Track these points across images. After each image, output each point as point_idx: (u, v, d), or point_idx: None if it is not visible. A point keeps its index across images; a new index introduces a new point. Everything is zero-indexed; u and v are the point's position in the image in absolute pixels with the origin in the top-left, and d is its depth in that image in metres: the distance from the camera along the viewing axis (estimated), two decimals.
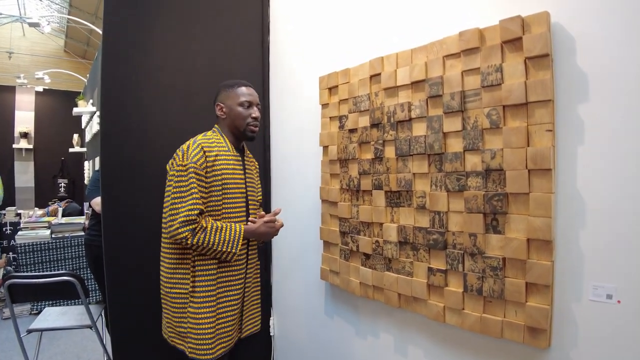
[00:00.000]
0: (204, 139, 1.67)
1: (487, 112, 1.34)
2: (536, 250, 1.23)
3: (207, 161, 1.59)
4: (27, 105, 8.68)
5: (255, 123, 1.75)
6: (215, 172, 1.62)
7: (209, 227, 1.55)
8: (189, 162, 1.55)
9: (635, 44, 1.07)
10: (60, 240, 4.04)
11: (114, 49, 2.16)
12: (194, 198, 1.53)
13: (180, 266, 1.62)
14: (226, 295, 1.67)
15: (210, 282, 1.62)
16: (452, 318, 1.45)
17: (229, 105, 1.73)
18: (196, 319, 1.59)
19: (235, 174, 1.70)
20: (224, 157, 1.67)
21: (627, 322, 1.08)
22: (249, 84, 1.78)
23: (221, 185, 1.63)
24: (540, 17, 1.21)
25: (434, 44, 1.51)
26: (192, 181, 1.54)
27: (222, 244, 1.57)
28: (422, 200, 1.55)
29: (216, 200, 1.63)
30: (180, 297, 1.61)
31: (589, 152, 1.15)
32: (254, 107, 1.76)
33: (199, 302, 1.60)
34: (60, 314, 2.59)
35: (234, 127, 1.74)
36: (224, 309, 1.66)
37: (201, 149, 1.60)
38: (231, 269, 1.69)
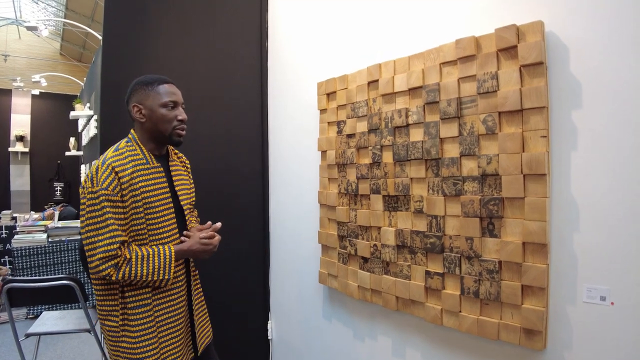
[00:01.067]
0: (115, 155, 1.43)
1: (483, 118, 1.36)
2: (531, 253, 1.26)
3: (120, 183, 1.38)
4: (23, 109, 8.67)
5: (182, 126, 1.52)
6: (134, 192, 1.41)
7: (133, 258, 1.37)
8: (99, 189, 1.35)
9: (626, 53, 1.10)
10: (57, 244, 4.03)
11: (114, 54, 2.18)
12: (111, 230, 1.34)
13: (108, 298, 1.44)
14: (168, 321, 1.49)
15: (146, 313, 1.43)
16: (450, 320, 1.47)
17: (150, 106, 1.48)
18: (134, 355, 1.41)
19: (158, 188, 1.49)
20: (141, 172, 1.45)
21: (621, 324, 1.11)
22: (171, 80, 1.55)
23: (142, 205, 1.42)
24: (534, 26, 1.24)
25: (431, 51, 1.53)
26: (106, 210, 1.34)
27: (152, 273, 1.39)
28: (419, 204, 1.57)
29: (139, 223, 1.42)
30: (112, 330, 1.43)
31: (582, 158, 1.18)
32: (179, 108, 1.52)
33: (136, 337, 1.42)
34: (59, 318, 2.59)
35: (157, 132, 1.50)
36: (169, 337, 1.48)
37: (112, 170, 1.37)
38: (170, 292, 1.50)
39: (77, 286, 2.24)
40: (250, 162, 2.62)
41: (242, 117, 2.59)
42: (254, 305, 2.64)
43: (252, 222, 2.63)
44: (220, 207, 2.41)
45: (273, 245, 2.65)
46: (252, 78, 2.62)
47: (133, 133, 1.53)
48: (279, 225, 2.59)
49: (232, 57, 2.52)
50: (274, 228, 2.63)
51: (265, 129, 2.65)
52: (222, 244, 1.67)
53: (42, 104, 8.73)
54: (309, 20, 2.28)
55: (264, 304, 2.68)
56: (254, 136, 2.63)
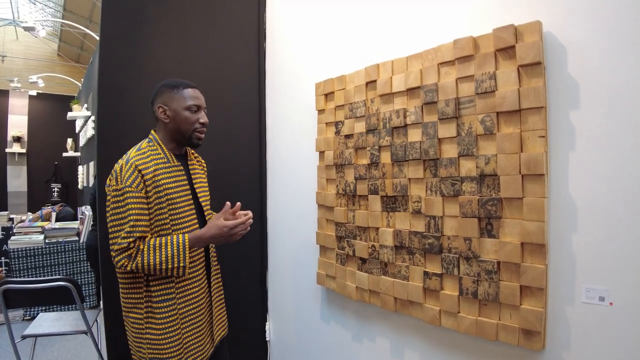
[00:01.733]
0: (138, 154, 1.50)
1: (481, 118, 1.36)
2: (530, 253, 1.25)
3: (144, 180, 1.45)
4: (20, 109, 8.65)
5: (202, 129, 1.59)
6: (157, 189, 1.47)
7: (145, 248, 1.42)
8: (124, 186, 1.42)
9: (624, 53, 1.10)
10: (54, 245, 4.01)
11: (111, 54, 2.17)
12: (131, 225, 1.40)
13: (132, 291, 1.50)
14: (190, 313, 1.54)
15: (170, 307, 1.49)
16: (448, 321, 1.47)
17: (174, 108, 1.55)
18: (159, 346, 1.47)
19: (179, 185, 1.55)
20: (163, 170, 1.51)
21: (619, 324, 1.10)
22: (195, 85, 1.63)
23: (166, 201, 1.49)
24: (532, 26, 1.24)
25: (429, 51, 1.53)
26: (130, 206, 1.41)
27: (165, 261, 1.42)
28: (417, 205, 1.57)
29: (163, 219, 1.48)
30: (137, 322, 1.49)
31: (580, 158, 1.18)
32: (201, 112, 1.60)
33: (161, 329, 1.47)
34: (55, 320, 2.58)
35: (178, 133, 1.57)
36: (191, 331, 1.54)
37: (135, 168, 1.44)
38: (191, 283, 1.56)
39: (73, 287, 2.23)
40: (248, 163, 2.61)
41: (240, 117, 2.58)
42: (251, 307, 2.63)
43: None
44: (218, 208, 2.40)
45: (271, 246, 2.65)
46: (249, 79, 2.61)
47: (154, 134, 1.60)
48: (277, 226, 2.58)
49: (229, 58, 2.52)
50: (272, 229, 2.63)
51: (263, 129, 2.65)
52: (220, 244, 1.67)
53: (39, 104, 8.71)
54: (306, 20, 2.28)
55: (262, 305, 2.67)
56: (251, 137, 2.63)
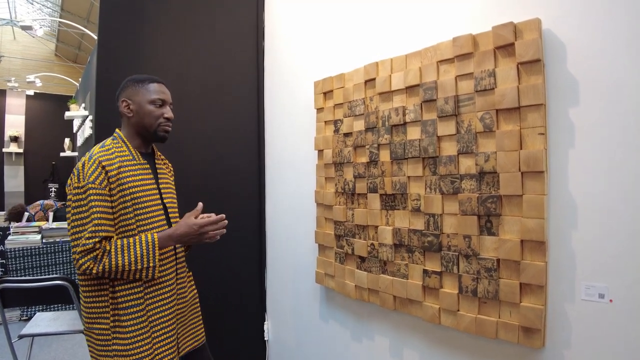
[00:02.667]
0: (102, 151, 1.43)
1: (481, 116, 1.36)
2: (530, 251, 1.25)
3: (108, 177, 1.38)
4: (17, 109, 8.62)
5: (168, 124, 1.55)
6: (121, 186, 1.41)
7: (113, 249, 1.34)
8: (86, 183, 1.34)
9: (623, 50, 1.10)
10: (51, 245, 3.99)
11: (109, 53, 2.16)
12: (95, 224, 1.32)
13: (97, 299, 1.39)
14: (162, 319, 1.46)
15: (139, 313, 1.40)
16: (448, 319, 1.46)
17: (138, 102, 1.51)
18: (127, 357, 1.37)
19: (145, 183, 1.49)
20: (128, 167, 1.45)
21: (619, 321, 1.10)
22: (161, 80, 1.59)
23: (130, 200, 1.42)
24: (531, 24, 1.24)
25: (428, 49, 1.53)
26: (93, 204, 1.33)
27: (134, 262, 1.34)
28: (416, 203, 1.57)
29: (128, 218, 1.41)
30: (102, 333, 1.38)
31: (579, 155, 1.18)
32: (167, 107, 1.56)
33: (129, 338, 1.38)
34: (52, 319, 2.57)
35: (142, 127, 1.52)
36: (162, 336, 1.45)
37: (98, 164, 1.37)
38: (160, 287, 1.47)
39: (71, 286, 2.21)
40: (246, 162, 2.61)
41: (239, 116, 2.58)
42: (250, 306, 2.62)
43: (248, 222, 2.61)
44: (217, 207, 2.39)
45: (269, 245, 2.64)
46: (248, 77, 2.61)
47: (119, 131, 1.56)
48: (275, 225, 2.57)
49: (228, 57, 2.51)
50: (271, 228, 2.62)
51: (261, 128, 2.64)
52: (218, 244, 1.65)
53: (36, 104, 8.68)
54: (305, 19, 2.27)
55: (261, 305, 2.66)
56: (250, 136, 2.62)
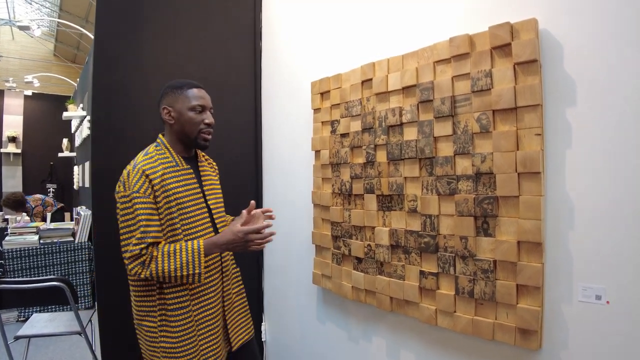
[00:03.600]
0: (145, 159, 1.47)
1: (477, 116, 1.36)
2: (526, 252, 1.24)
3: (152, 185, 1.41)
4: (15, 109, 8.60)
5: (208, 130, 1.55)
6: (166, 193, 1.44)
7: (159, 255, 1.38)
8: (131, 192, 1.39)
9: (620, 50, 1.10)
10: (49, 245, 3.98)
11: (106, 54, 2.16)
12: (141, 232, 1.37)
13: (145, 298, 1.47)
14: (207, 319, 1.51)
15: (185, 314, 1.45)
16: (444, 321, 1.46)
17: (179, 109, 1.51)
18: (174, 354, 1.44)
19: (189, 189, 1.52)
20: (172, 174, 1.48)
21: (616, 323, 1.10)
22: (200, 85, 1.58)
23: (176, 207, 1.45)
24: (528, 24, 1.23)
25: (425, 49, 1.53)
26: (138, 212, 1.38)
27: (180, 268, 1.38)
28: (413, 203, 1.56)
29: (174, 224, 1.45)
30: (150, 330, 1.46)
31: (576, 155, 1.18)
32: (207, 112, 1.55)
33: (176, 337, 1.44)
34: (49, 320, 2.56)
35: (184, 134, 1.53)
36: (208, 334, 1.51)
37: (142, 173, 1.41)
38: (207, 289, 1.53)
39: (67, 287, 2.20)
40: (244, 162, 2.60)
41: (236, 117, 2.57)
42: None
43: None
44: None
45: (267, 246, 2.62)
46: (245, 78, 2.60)
47: (161, 137, 1.57)
48: (273, 226, 2.56)
49: (225, 57, 2.51)
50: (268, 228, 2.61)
51: (259, 129, 2.64)
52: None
53: (34, 104, 8.66)
54: (302, 19, 2.27)
55: (258, 306, 2.65)
56: (247, 136, 2.62)
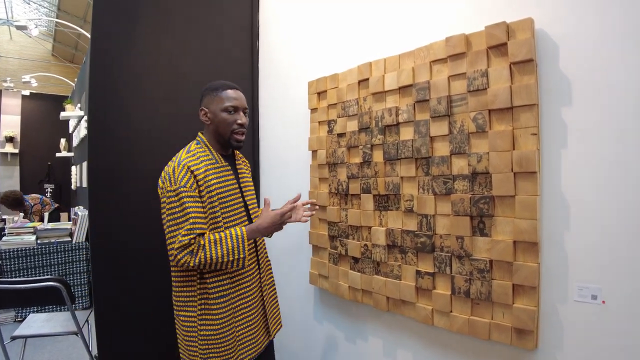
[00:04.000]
0: (188, 156, 1.53)
1: (473, 116, 1.35)
2: (522, 252, 1.24)
3: (197, 180, 1.48)
4: (13, 109, 8.57)
5: (240, 130, 1.59)
6: (208, 188, 1.50)
7: (206, 243, 1.44)
8: (178, 187, 1.45)
9: (615, 49, 1.10)
10: (46, 246, 3.97)
11: (102, 53, 2.15)
12: (191, 223, 1.43)
13: (185, 288, 1.53)
14: (244, 306, 1.57)
15: (225, 303, 1.52)
16: (441, 320, 1.46)
17: (213, 110, 1.58)
18: (215, 342, 1.50)
19: (228, 184, 1.59)
20: (212, 170, 1.55)
21: (612, 322, 1.10)
22: (235, 86, 1.64)
23: (217, 200, 1.52)
24: (524, 24, 1.23)
25: (421, 49, 1.52)
26: (186, 206, 1.44)
27: (227, 254, 1.45)
28: (409, 203, 1.56)
29: (216, 216, 1.51)
30: (189, 319, 1.52)
31: (572, 155, 1.18)
32: (240, 113, 1.59)
33: (217, 325, 1.50)
34: (45, 321, 2.55)
35: (218, 135, 1.60)
36: (244, 323, 1.56)
37: (187, 169, 1.48)
38: (245, 277, 1.59)
39: (63, 287, 2.20)
40: None
41: None
42: None
43: None
44: None
45: None
46: (242, 78, 2.59)
47: (201, 135, 1.64)
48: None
49: (222, 57, 2.50)
50: None
51: (256, 128, 2.63)
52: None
53: (32, 104, 8.63)
54: (299, 19, 2.26)
55: None
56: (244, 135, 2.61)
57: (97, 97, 2.13)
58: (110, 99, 2.15)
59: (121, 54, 2.19)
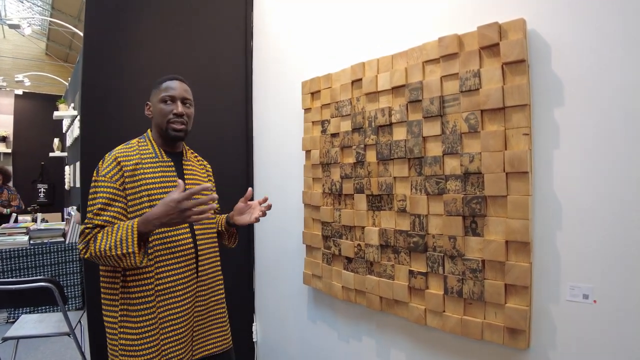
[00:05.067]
0: (124, 147, 1.49)
1: (466, 116, 1.36)
2: (514, 252, 1.25)
3: (122, 171, 1.41)
4: (5, 109, 8.51)
5: (176, 119, 1.49)
6: (136, 182, 1.42)
7: (100, 233, 1.33)
8: (99, 177, 1.41)
9: (607, 51, 1.10)
10: (39, 246, 3.94)
11: (95, 53, 2.14)
12: (94, 212, 1.36)
13: (109, 289, 1.42)
14: (173, 319, 1.42)
15: (149, 308, 1.38)
16: (433, 320, 1.46)
17: (153, 102, 1.53)
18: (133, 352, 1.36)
19: (164, 181, 1.48)
20: (148, 164, 1.47)
21: (603, 322, 1.10)
22: (176, 77, 1.57)
23: (146, 196, 1.42)
24: (516, 24, 1.24)
25: (414, 49, 1.53)
26: (97, 195, 1.39)
27: (115, 246, 1.28)
28: (402, 203, 1.56)
29: (142, 214, 1.37)
30: (111, 324, 1.41)
31: (564, 155, 1.18)
32: (177, 102, 1.50)
33: (137, 332, 1.37)
34: (38, 322, 2.53)
35: (158, 127, 1.52)
36: (172, 334, 1.41)
37: (114, 160, 1.43)
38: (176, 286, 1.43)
39: (55, 288, 2.18)
40: (234, 162, 2.59)
41: (227, 117, 2.56)
42: (238, 308, 2.60)
43: None
44: None
45: (258, 246, 2.62)
46: (236, 77, 2.59)
47: (148, 132, 1.59)
48: (263, 226, 2.56)
49: (216, 57, 2.49)
50: (259, 228, 2.60)
51: (249, 128, 2.63)
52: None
53: (25, 104, 8.57)
54: (293, 19, 2.26)
55: (249, 306, 2.64)
56: (238, 136, 2.61)
57: (90, 97, 2.12)
58: (103, 99, 2.14)
59: (114, 53, 2.18)
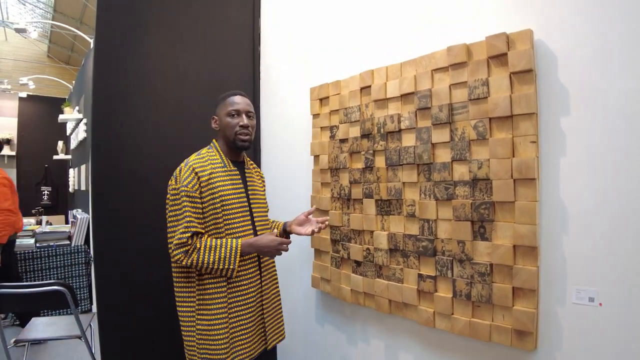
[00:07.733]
0: (197, 158, 1.65)
1: (474, 124, 1.39)
2: (522, 256, 1.28)
3: (200, 182, 1.58)
4: (10, 111, 8.56)
5: (243, 131, 1.68)
6: (212, 190, 1.60)
7: (202, 247, 1.54)
8: (181, 186, 1.57)
9: (613, 60, 1.14)
10: (45, 249, 3.97)
11: (106, 58, 2.17)
12: (187, 221, 1.54)
13: (185, 284, 1.63)
14: (239, 310, 1.62)
15: (221, 302, 1.58)
16: (442, 323, 1.49)
17: (220, 116, 1.71)
18: (208, 336, 1.57)
19: (234, 189, 1.66)
20: (219, 174, 1.64)
21: (609, 324, 1.13)
22: (239, 92, 1.75)
23: (220, 202, 1.60)
24: (524, 34, 1.27)
25: (423, 58, 1.56)
26: (185, 204, 1.55)
27: (217, 261, 1.54)
28: (411, 208, 1.59)
29: (216, 218, 1.60)
30: (188, 314, 1.61)
31: (570, 162, 1.22)
32: (242, 115, 1.69)
33: (211, 321, 1.57)
34: (48, 324, 2.56)
35: (226, 138, 1.70)
36: (238, 324, 1.62)
37: (192, 170, 1.59)
38: (242, 283, 1.64)
39: (68, 292, 2.21)
40: None
41: None
42: None
43: None
44: None
45: None
46: (244, 83, 2.62)
47: (214, 142, 1.75)
48: None
49: (224, 62, 2.53)
50: None
51: (258, 133, 2.66)
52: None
53: (29, 106, 8.61)
54: (301, 26, 2.29)
55: None
56: None
57: (101, 101, 2.15)
58: (113, 103, 2.17)
59: (124, 58, 2.21)
